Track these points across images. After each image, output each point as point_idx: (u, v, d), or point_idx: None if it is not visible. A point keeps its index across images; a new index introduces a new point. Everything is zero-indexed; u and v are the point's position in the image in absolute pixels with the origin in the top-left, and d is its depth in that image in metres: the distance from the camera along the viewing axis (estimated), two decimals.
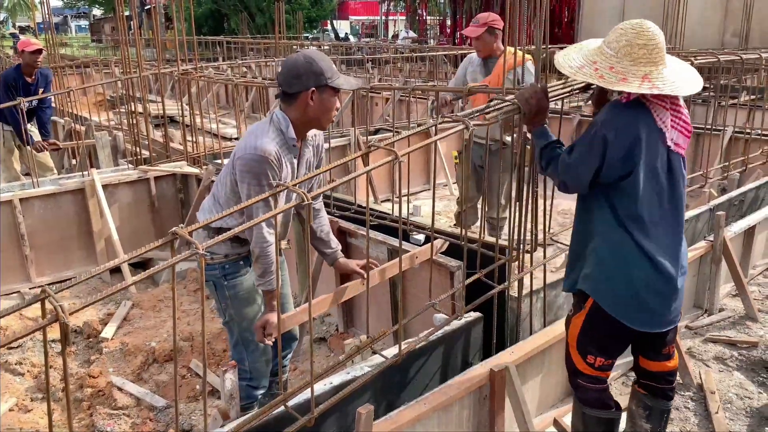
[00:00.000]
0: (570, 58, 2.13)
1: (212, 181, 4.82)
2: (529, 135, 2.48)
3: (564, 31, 24.27)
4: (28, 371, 3.68)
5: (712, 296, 3.85)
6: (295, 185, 1.78)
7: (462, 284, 2.77)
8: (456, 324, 2.82)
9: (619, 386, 3.16)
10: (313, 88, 2.42)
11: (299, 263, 4.05)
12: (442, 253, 3.16)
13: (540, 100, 2.28)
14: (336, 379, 2.43)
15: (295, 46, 19.44)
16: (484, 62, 4.42)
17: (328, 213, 3.84)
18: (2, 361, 3.67)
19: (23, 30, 41.69)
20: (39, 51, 5.42)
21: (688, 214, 4.25)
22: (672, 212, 2.10)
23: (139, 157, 5.45)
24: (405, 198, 6.76)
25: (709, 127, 5.24)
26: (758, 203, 4.95)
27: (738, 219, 4.33)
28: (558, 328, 2.80)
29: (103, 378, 3.51)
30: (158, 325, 4.04)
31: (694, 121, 9.38)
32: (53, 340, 3.92)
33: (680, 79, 2.00)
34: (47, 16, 7.39)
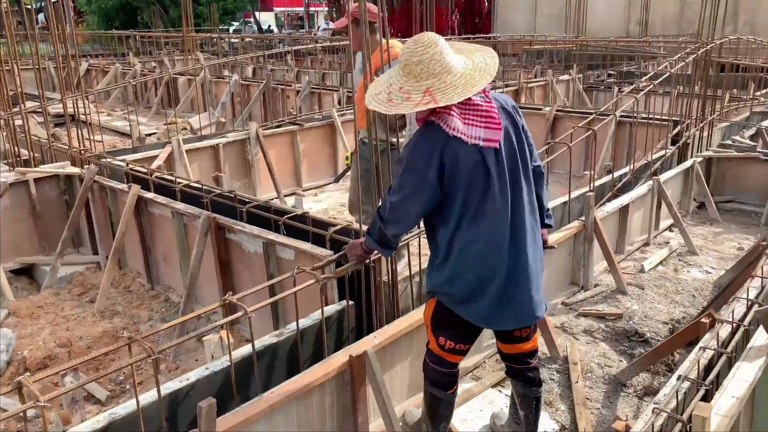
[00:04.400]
0: (376, 83, 2.14)
1: (95, 182, 4.64)
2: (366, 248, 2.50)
3: (484, 23, 24.84)
4: None
5: (586, 273, 4.05)
6: None
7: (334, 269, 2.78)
8: (328, 312, 2.84)
9: (492, 363, 3.28)
10: None
11: (182, 263, 3.97)
12: (313, 243, 3.16)
13: (359, 256, 2.57)
14: (193, 375, 2.40)
15: (214, 39, 18.92)
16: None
17: (215, 210, 3.74)
18: None
19: None
20: None
21: (574, 193, 4.43)
22: (503, 209, 2.07)
23: (19, 158, 5.17)
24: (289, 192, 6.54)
25: (594, 111, 5.48)
26: (638, 184, 5.23)
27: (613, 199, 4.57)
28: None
29: None
30: (34, 333, 3.86)
31: (595, 107, 9.68)
32: None
33: (467, 80, 1.97)
34: None
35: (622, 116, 6.33)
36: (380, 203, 2.25)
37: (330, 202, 6.51)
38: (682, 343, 3.09)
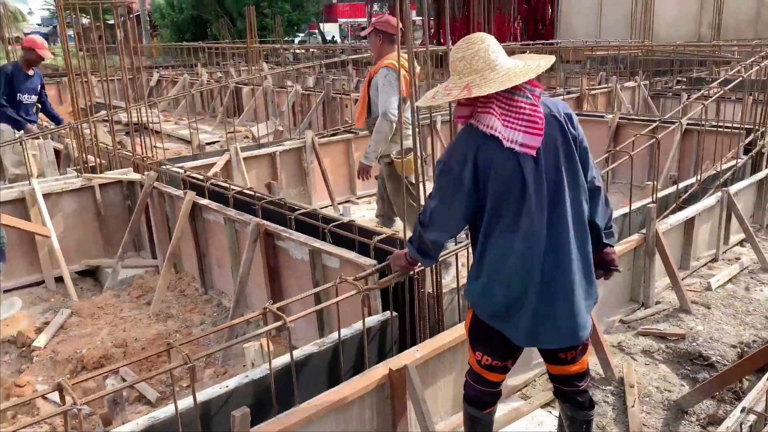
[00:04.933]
0: (434, 89, 2.11)
1: (154, 188, 4.79)
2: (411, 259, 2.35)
3: (547, 29, 24.34)
4: None
5: (647, 289, 3.84)
6: None
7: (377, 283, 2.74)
8: (370, 323, 2.80)
9: (543, 382, 3.15)
10: None
11: (234, 268, 4.02)
12: (358, 251, 3.13)
13: (402, 267, 2.43)
14: (232, 382, 2.40)
15: (280, 50, 19.37)
16: None
17: (265, 217, 3.78)
18: None
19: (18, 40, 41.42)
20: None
21: (635, 205, 4.23)
22: (539, 222, 1.95)
23: (87, 164, 5.42)
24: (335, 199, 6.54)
25: (658, 118, 5.21)
26: (705, 195, 4.94)
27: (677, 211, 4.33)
28: None
29: (30, 387, 3.47)
30: (94, 333, 4.00)
31: (661, 115, 9.26)
32: None
33: (509, 76, 1.90)
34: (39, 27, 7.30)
35: (689, 124, 6.01)
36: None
37: (359, 214, 6.46)
38: (752, 369, 2.87)
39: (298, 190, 6.44)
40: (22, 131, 5.85)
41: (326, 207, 6.44)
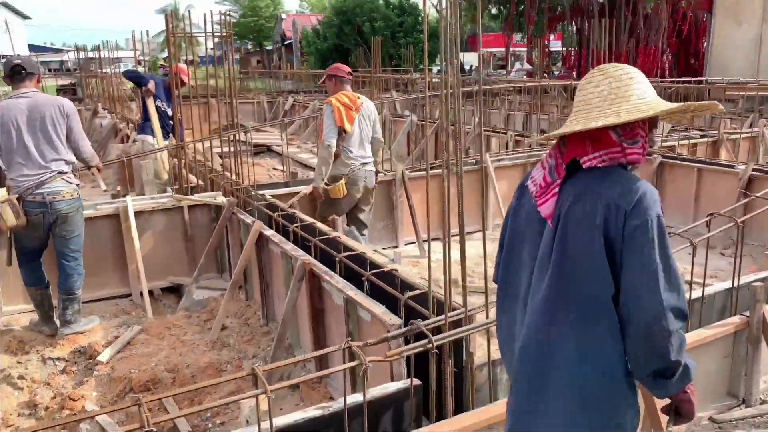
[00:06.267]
0: None
1: (233, 213, 4.89)
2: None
3: (700, 64, 22.44)
4: (27, 386, 3.87)
5: (749, 384, 3.20)
6: None
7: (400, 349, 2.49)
8: (388, 390, 2.55)
9: None
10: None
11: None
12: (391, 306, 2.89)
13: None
14: None
15: (417, 78, 19.52)
16: None
17: (322, 254, 3.68)
18: (5, 375, 3.90)
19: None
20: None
21: (749, 278, 3.61)
22: (523, 289, 1.73)
23: (188, 184, 5.68)
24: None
25: None
26: None
27: None
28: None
29: (81, 402, 3.60)
30: (154, 353, 4.10)
31: None
32: (58, 358, 4.12)
33: (590, 115, 1.58)
34: (210, 51, 7.90)
35: None
36: None
37: (471, 252, 6.12)
38: None
39: (385, 223, 6.30)
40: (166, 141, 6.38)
41: (412, 243, 6.26)
